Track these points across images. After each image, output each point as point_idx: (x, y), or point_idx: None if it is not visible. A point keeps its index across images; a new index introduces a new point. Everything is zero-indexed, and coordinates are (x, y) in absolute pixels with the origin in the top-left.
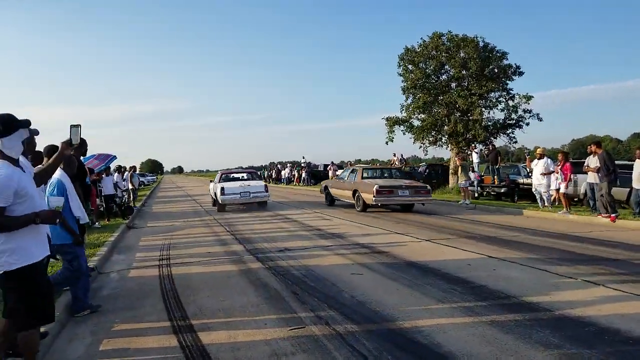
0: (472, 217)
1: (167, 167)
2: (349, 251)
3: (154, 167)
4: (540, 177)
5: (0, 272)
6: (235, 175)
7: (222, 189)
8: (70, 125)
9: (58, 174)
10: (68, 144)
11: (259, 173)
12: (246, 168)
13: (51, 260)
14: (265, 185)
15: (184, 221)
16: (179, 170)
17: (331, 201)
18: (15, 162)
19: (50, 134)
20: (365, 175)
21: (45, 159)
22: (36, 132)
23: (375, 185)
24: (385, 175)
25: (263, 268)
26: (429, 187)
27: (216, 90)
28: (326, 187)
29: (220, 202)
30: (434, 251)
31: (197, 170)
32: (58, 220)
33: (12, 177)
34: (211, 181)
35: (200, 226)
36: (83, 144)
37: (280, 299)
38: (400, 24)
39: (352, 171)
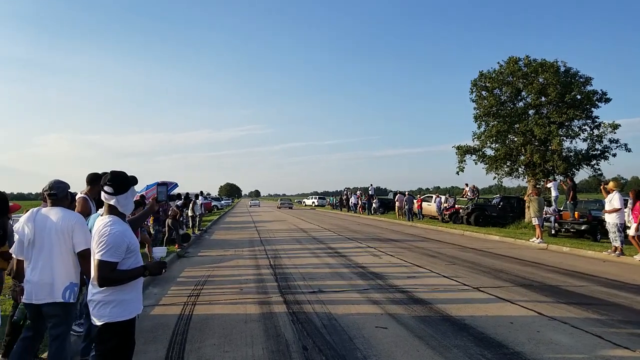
0: (539, 259)
1: (245, 191)
2: (384, 297)
3: (231, 190)
4: (607, 214)
5: (101, 323)
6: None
7: None
8: (157, 184)
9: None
10: (157, 200)
11: (326, 199)
12: (320, 193)
13: None
14: None
15: (234, 251)
16: (255, 194)
17: None
18: (125, 218)
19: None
20: None
21: (86, 186)
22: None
23: None
24: None
25: (286, 313)
26: None
27: (293, 118)
28: None
29: None
30: (478, 303)
31: (273, 194)
32: (164, 270)
33: (126, 233)
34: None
35: (248, 257)
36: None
37: (285, 355)
38: (476, 47)
39: None
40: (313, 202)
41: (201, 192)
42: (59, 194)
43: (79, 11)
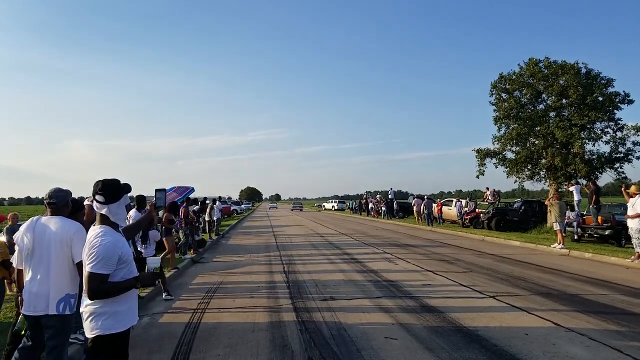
0: (560, 266)
1: (266, 194)
2: (396, 306)
3: (252, 194)
4: (630, 219)
5: (93, 335)
6: None
7: None
8: (156, 190)
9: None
10: (155, 207)
11: (346, 203)
12: (341, 197)
13: None
14: None
15: (249, 257)
16: (276, 197)
17: None
18: (117, 227)
19: (157, 161)
20: None
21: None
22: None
23: None
24: None
25: (295, 322)
26: None
27: (313, 122)
28: None
29: None
30: (493, 313)
31: (293, 198)
32: (157, 281)
33: (117, 244)
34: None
35: (263, 263)
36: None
37: None
38: (495, 50)
39: None
40: (333, 206)
41: (219, 197)
42: (58, 202)
43: (100, 19)
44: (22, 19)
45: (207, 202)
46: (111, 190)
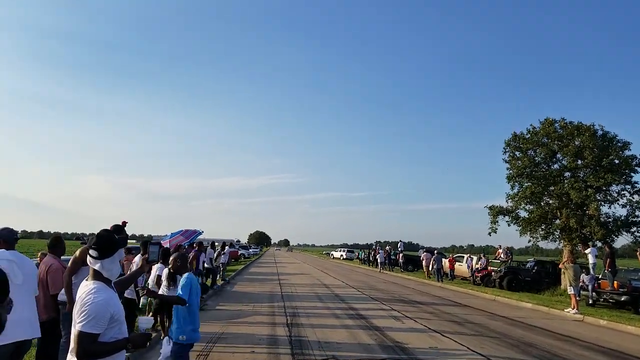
0: (573, 333)
1: (275, 239)
2: None
3: (260, 238)
4: None
5: None
6: None
7: None
8: (150, 244)
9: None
10: (147, 261)
11: (355, 252)
12: (350, 246)
13: None
14: None
15: (253, 306)
16: (284, 243)
17: None
18: (110, 283)
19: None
20: None
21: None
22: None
23: None
24: None
25: None
26: None
27: (325, 168)
28: None
29: None
30: None
31: (302, 244)
32: (148, 343)
33: (110, 302)
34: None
35: (266, 314)
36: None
37: None
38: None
39: None
40: (341, 255)
41: (230, 243)
42: None
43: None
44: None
45: (216, 245)
46: (105, 244)
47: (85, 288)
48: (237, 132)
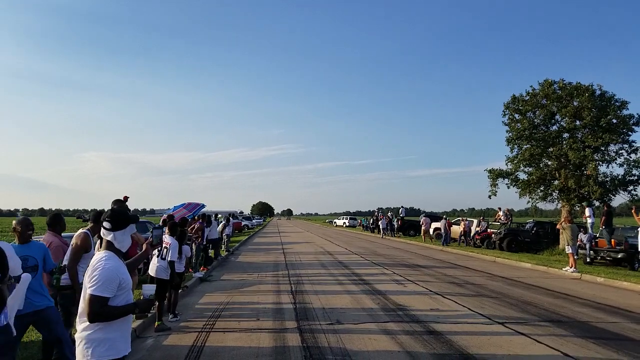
0: (571, 290)
1: (278, 209)
2: (403, 331)
3: (264, 209)
4: None
5: None
6: None
7: None
8: (153, 228)
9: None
10: (151, 245)
11: (357, 220)
12: (352, 213)
13: None
14: None
15: (258, 275)
16: (288, 213)
17: None
18: (120, 254)
19: (172, 174)
20: None
21: (89, 224)
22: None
23: None
24: None
25: (299, 347)
26: None
27: (326, 137)
28: None
29: None
30: (499, 340)
31: (305, 213)
32: (152, 308)
33: (119, 269)
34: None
35: (270, 282)
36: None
37: None
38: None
39: None
40: (344, 223)
41: (232, 215)
42: None
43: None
44: (37, 29)
45: (219, 216)
46: (119, 218)
47: (97, 256)
48: (238, 105)
